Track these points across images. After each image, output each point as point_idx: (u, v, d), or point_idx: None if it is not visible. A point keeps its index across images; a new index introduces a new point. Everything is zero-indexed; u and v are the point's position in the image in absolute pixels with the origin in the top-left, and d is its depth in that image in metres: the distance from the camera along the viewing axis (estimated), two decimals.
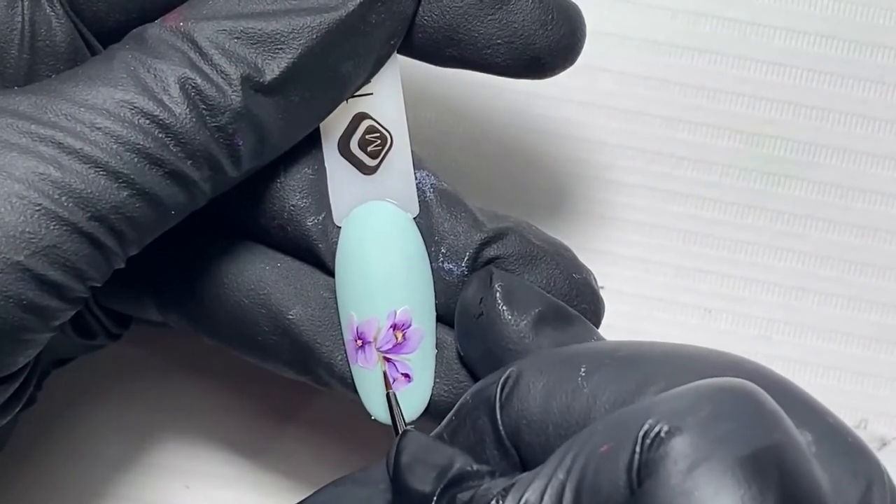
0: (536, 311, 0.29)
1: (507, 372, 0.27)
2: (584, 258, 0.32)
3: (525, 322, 0.29)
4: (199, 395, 0.38)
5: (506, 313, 0.29)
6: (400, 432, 0.30)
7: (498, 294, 0.29)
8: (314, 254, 0.31)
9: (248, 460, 0.38)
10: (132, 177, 0.26)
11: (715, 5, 0.37)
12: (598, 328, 0.31)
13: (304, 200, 0.30)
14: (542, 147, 0.38)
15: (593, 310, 0.31)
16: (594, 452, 0.23)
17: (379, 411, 0.31)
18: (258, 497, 0.38)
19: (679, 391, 0.23)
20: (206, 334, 0.32)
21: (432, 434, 0.28)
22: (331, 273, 0.31)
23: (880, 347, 0.38)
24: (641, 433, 0.22)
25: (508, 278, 0.30)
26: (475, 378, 0.31)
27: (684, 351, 0.26)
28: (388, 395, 0.30)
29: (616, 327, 0.38)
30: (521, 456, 0.26)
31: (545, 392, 0.26)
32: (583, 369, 0.26)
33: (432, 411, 0.31)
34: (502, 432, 0.27)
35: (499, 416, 0.27)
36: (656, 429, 0.22)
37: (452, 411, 0.28)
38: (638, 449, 0.22)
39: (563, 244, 0.32)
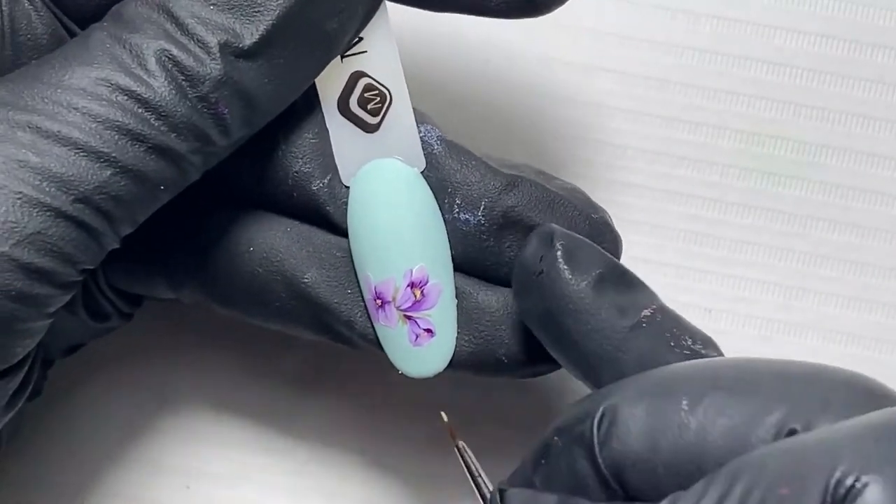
0: (598, 272, 0.28)
1: (601, 409, 0.26)
2: None
3: (586, 282, 0.28)
4: (200, 394, 0.38)
5: (566, 272, 0.28)
6: (487, 490, 0.30)
7: (559, 252, 0.29)
8: (324, 217, 0.31)
9: (249, 460, 0.38)
10: (114, 155, 0.26)
11: (715, 5, 0.37)
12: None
13: (308, 166, 0.30)
14: (542, 147, 0.38)
15: (613, 248, 0.31)
16: (772, 493, 0.22)
17: (405, 365, 0.31)
18: (259, 497, 0.38)
19: (853, 428, 0.22)
20: (222, 306, 0.32)
21: (515, 476, 0.28)
22: (343, 234, 0.31)
23: (880, 347, 0.38)
24: (833, 482, 0.21)
25: (570, 237, 0.29)
26: (510, 334, 0.31)
27: (792, 370, 0.25)
28: (470, 474, 0.30)
29: None
30: (629, 493, 0.26)
31: (647, 430, 0.25)
32: (684, 402, 0.25)
33: (455, 363, 0.31)
34: (606, 474, 0.26)
35: (599, 459, 0.26)
36: (849, 480, 0.21)
37: (535, 452, 0.28)
38: (829, 500, 0.21)
39: (575, 186, 0.32)
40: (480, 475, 0.31)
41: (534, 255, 0.29)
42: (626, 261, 0.38)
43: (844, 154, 0.37)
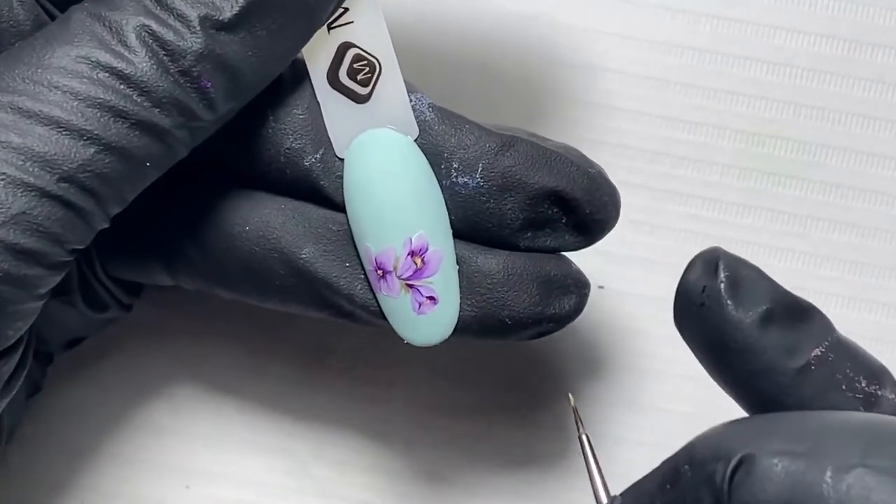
0: (764, 307, 0.27)
1: (739, 457, 0.24)
2: (585, 258, 0.32)
3: (751, 319, 0.27)
4: (199, 394, 0.38)
5: (730, 309, 0.27)
6: (603, 492, 0.29)
7: (723, 285, 0.27)
8: (319, 192, 0.31)
9: (249, 460, 0.38)
10: (96, 132, 0.26)
11: (715, 5, 0.37)
12: (618, 217, 0.31)
13: (299, 141, 0.30)
14: None
15: (613, 201, 0.31)
16: None
17: (410, 334, 0.31)
18: (258, 497, 0.37)
19: None
20: (222, 289, 0.32)
21: (636, 489, 0.27)
22: (338, 208, 0.31)
23: (881, 347, 0.38)
24: None
25: (735, 265, 0.27)
26: (513, 296, 0.30)
27: None
28: (589, 469, 0.30)
29: (616, 327, 0.38)
30: None
31: (783, 494, 0.24)
32: (829, 473, 0.23)
33: (460, 329, 0.31)
34: None
35: None
36: None
37: (664, 474, 0.26)
38: None
39: (568, 144, 0.32)
40: (601, 472, 0.30)
41: (696, 283, 0.27)
42: (626, 261, 0.38)
43: (844, 154, 0.37)
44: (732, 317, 0.27)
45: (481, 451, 0.37)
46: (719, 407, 0.29)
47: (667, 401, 0.37)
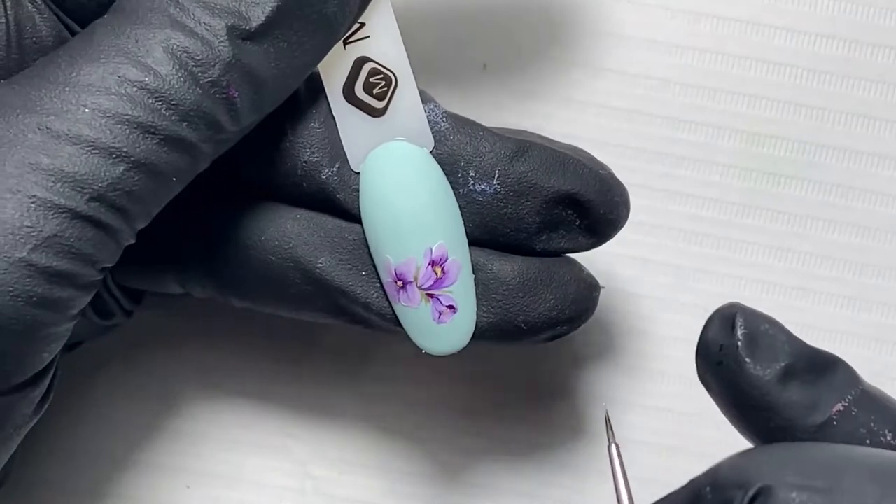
0: (783, 364, 0.26)
1: (757, 487, 0.24)
2: (585, 258, 0.32)
3: (769, 377, 0.26)
4: (199, 395, 0.38)
5: (748, 367, 0.27)
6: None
7: (740, 343, 0.27)
8: (335, 204, 0.31)
9: (249, 460, 0.38)
10: (125, 150, 0.26)
11: (715, 5, 0.37)
12: (628, 217, 0.32)
13: (316, 155, 0.31)
14: None
15: (624, 201, 0.32)
16: None
17: (430, 344, 0.31)
18: (258, 497, 0.38)
19: None
20: (235, 298, 0.32)
21: None
22: (354, 220, 0.31)
23: (880, 347, 0.38)
24: None
25: (752, 321, 0.27)
26: (527, 301, 0.31)
27: None
28: (615, 481, 0.30)
29: (616, 326, 0.38)
30: None
31: None
32: None
33: (477, 335, 0.31)
34: None
35: None
36: None
37: (687, 496, 0.26)
38: None
39: (576, 146, 0.32)
40: (627, 485, 0.30)
41: (714, 341, 0.27)
42: (626, 261, 0.38)
43: (844, 154, 0.37)
44: (750, 375, 0.27)
45: (484, 450, 0.37)
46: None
47: (667, 401, 0.37)
